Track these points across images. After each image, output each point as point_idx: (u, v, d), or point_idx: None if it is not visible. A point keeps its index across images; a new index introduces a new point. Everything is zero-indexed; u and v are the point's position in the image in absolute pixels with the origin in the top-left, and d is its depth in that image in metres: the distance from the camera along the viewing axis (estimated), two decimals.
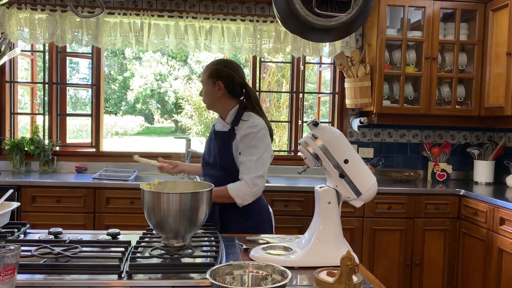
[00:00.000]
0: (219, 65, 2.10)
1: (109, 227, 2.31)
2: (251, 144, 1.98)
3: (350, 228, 3.21)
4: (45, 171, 3.58)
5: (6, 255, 1.03)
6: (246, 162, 1.97)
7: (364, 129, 3.88)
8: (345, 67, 3.62)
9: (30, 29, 3.47)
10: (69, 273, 1.24)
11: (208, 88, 2.10)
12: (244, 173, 1.97)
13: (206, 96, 2.12)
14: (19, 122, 3.92)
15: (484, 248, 3.00)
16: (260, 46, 3.64)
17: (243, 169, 1.98)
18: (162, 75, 14.96)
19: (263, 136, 2.01)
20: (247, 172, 1.96)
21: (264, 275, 1.14)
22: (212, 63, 2.14)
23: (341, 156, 1.48)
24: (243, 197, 1.95)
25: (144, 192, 1.45)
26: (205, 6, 3.66)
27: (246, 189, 1.94)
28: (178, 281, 1.23)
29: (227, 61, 2.14)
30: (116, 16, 3.51)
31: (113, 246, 1.49)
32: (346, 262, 1.06)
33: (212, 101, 2.12)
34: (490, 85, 3.45)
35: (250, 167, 1.95)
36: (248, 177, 1.95)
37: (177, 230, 1.44)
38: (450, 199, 3.29)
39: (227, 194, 1.95)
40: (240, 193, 1.95)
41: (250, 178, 1.94)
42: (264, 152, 1.99)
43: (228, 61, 2.16)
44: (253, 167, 1.95)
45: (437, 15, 3.49)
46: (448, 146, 3.80)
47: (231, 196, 1.95)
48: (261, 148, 1.98)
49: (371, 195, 1.51)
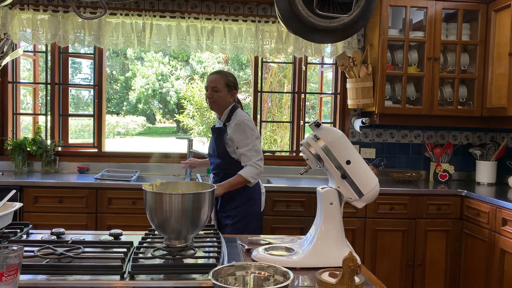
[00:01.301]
0: (233, 77, 2.68)
1: (111, 228, 2.33)
2: (243, 137, 2.51)
3: (352, 229, 3.21)
4: (47, 171, 3.59)
5: (9, 256, 1.03)
6: (246, 152, 2.50)
7: (366, 129, 3.87)
8: (347, 67, 3.62)
9: (32, 30, 3.48)
10: (71, 273, 1.24)
11: (224, 94, 2.60)
12: (248, 160, 2.50)
13: (220, 99, 2.60)
14: (22, 123, 3.93)
15: (486, 249, 2.99)
16: (262, 46, 3.64)
17: (245, 159, 2.50)
18: (164, 75, 14.97)
19: (247, 125, 2.52)
20: (250, 159, 2.49)
21: (266, 276, 1.14)
22: (226, 74, 2.68)
23: (343, 157, 1.48)
24: (255, 177, 2.49)
25: (146, 192, 1.46)
26: (207, 7, 3.66)
27: (254, 170, 2.49)
28: (180, 281, 1.23)
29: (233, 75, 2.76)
30: (118, 16, 3.52)
31: (115, 246, 1.49)
32: (348, 263, 1.06)
33: (223, 105, 2.62)
34: (493, 85, 3.44)
35: (250, 156, 2.50)
36: (253, 162, 2.49)
37: (179, 231, 1.44)
38: (452, 200, 3.28)
39: (242, 179, 2.46)
40: (253, 174, 2.48)
41: (255, 162, 2.49)
42: (255, 139, 2.54)
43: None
44: (252, 154, 2.50)
45: (439, 16, 3.49)
46: (450, 147, 3.79)
47: (246, 178, 2.46)
48: (251, 137, 2.52)
49: (373, 196, 1.51)
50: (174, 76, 15.00)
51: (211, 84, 2.61)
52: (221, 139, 2.57)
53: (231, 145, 2.55)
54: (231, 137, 2.53)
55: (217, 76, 2.63)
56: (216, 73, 2.67)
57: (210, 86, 2.62)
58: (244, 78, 9.10)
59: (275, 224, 3.20)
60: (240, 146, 2.51)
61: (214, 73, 2.67)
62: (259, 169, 2.49)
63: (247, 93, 8.99)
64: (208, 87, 2.64)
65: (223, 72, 2.70)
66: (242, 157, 2.51)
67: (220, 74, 2.64)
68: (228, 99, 2.62)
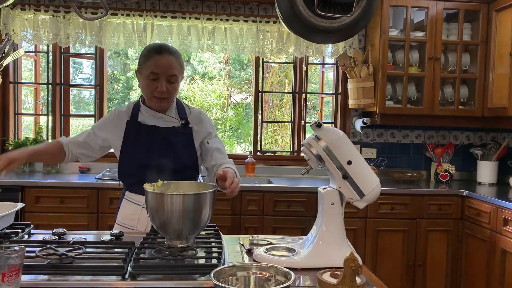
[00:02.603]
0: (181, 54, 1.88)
1: (112, 228, 2.32)
2: (213, 131, 1.94)
3: (353, 229, 3.21)
4: (48, 171, 3.59)
5: (11, 256, 1.03)
6: (221, 148, 1.90)
7: (367, 129, 3.87)
8: (348, 67, 3.62)
9: (33, 30, 3.49)
10: (73, 274, 1.24)
11: (179, 85, 1.86)
12: (225, 158, 1.86)
13: (175, 92, 1.85)
14: (23, 123, 3.94)
15: (487, 249, 2.99)
16: (263, 46, 3.64)
17: (221, 156, 1.87)
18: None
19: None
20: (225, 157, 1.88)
21: (268, 277, 1.14)
22: (177, 52, 1.85)
23: (344, 157, 1.48)
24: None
25: (147, 193, 1.46)
26: (208, 7, 3.66)
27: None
28: (181, 282, 1.23)
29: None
30: (119, 17, 3.52)
31: (116, 247, 1.49)
32: (350, 263, 1.06)
33: (175, 96, 1.89)
34: (494, 85, 3.44)
35: (224, 153, 1.90)
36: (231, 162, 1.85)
37: (180, 231, 1.44)
38: (453, 200, 3.28)
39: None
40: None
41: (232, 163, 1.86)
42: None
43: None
44: (225, 152, 1.91)
45: (440, 16, 3.48)
46: (451, 147, 3.79)
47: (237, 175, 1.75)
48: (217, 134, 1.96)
49: (374, 196, 1.51)
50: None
51: (168, 72, 1.78)
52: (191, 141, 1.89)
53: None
54: (198, 131, 1.91)
55: (173, 58, 1.80)
56: (169, 53, 1.80)
57: (166, 74, 1.78)
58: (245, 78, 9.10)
59: (276, 224, 3.20)
60: (212, 142, 1.90)
61: (165, 52, 1.79)
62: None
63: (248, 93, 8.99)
64: (159, 74, 1.77)
65: (174, 51, 1.84)
66: (216, 152, 1.87)
67: (175, 56, 1.81)
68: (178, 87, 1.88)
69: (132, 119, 1.89)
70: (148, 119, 1.88)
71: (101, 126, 1.98)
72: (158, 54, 1.77)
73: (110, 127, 1.94)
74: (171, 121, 1.88)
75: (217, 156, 1.87)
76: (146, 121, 1.88)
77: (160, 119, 1.87)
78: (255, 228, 3.19)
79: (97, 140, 1.96)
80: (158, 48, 1.80)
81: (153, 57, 1.77)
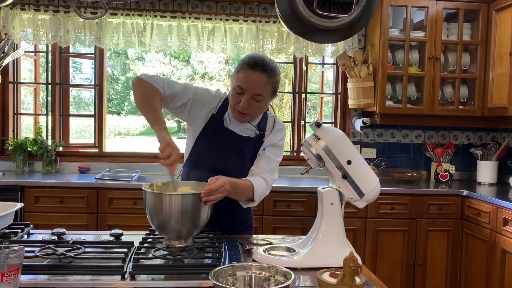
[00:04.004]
0: (279, 74, 1.77)
1: (112, 228, 2.32)
2: (280, 144, 1.82)
3: (353, 229, 3.21)
4: (48, 171, 3.59)
5: (10, 256, 1.03)
6: (272, 161, 1.76)
7: (366, 129, 3.87)
8: (348, 67, 3.62)
9: (33, 30, 3.49)
10: (72, 273, 1.24)
11: (266, 104, 1.77)
12: (267, 171, 1.73)
13: (259, 111, 1.77)
14: (22, 123, 3.94)
15: (487, 249, 2.99)
16: (263, 46, 3.64)
17: (266, 167, 1.74)
18: (165, 75, 14.98)
19: (284, 138, 1.87)
20: (271, 172, 1.74)
21: (267, 276, 1.14)
22: (275, 71, 1.71)
23: (344, 157, 1.48)
24: (259, 197, 1.69)
25: (146, 193, 1.45)
26: (207, 7, 3.66)
27: (264, 187, 1.70)
28: (181, 282, 1.23)
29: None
30: (119, 16, 3.52)
31: (116, 246, 1.49)
32: (349, 263, 1.06)
33: (260, 114, 1.81)
34: (494, 85, 3.44)
35: (274, 168, 1.76)
36: (270, 177, 1.73)
37: (179, 231, 1.44)
38: (453, 200, 3.28)
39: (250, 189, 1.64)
40: (262, 191, 1.69)
41: (271, 179, 1.74)
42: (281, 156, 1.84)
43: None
44: (275, 169, 1.77)
45: (440, 15, 3.48)
46: (451, 147, 3.79)
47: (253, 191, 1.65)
48: (282, 151, 1.83)
49: (374, 196, 1.51)
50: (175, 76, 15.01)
51: (255, 90, 1.67)
52: (254, 151, 1.81)
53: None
54: (268, 140, 1.82)
55: (265, 77, 1.67)
56: (263, 70, 1.66)
57: (252, 91, 1.67)
58: None
59: (275, 224, 3.20)
60: (269, 150, 1.79)
61: (259, 69, 1.66)
62: (267, 191, 1.74)
63: None
64: (245, 90, 1.67)
65: (270, 69, 1.69)
66: (264, 161, 1.76)
67: (268, 74, 1.67)
68: (266, 106, 1.80)
69: (218, 115, 1.80)
70: (230, 121, 1.80)
71: (198, 98, 1.80)
72: (250, 69, 1.66)
73: (202, 104, 1.80)
74: (250, 129, 1.81)
75: (260, 163, 1.75)
76: (228, 123, 1.80)
77: (241, 125, 1.80)
78: (255, 228, 3.18)
79: (184, 99, 1.77)
80: (253, 63, 1.67)
81: (245, 70, 1.67)
